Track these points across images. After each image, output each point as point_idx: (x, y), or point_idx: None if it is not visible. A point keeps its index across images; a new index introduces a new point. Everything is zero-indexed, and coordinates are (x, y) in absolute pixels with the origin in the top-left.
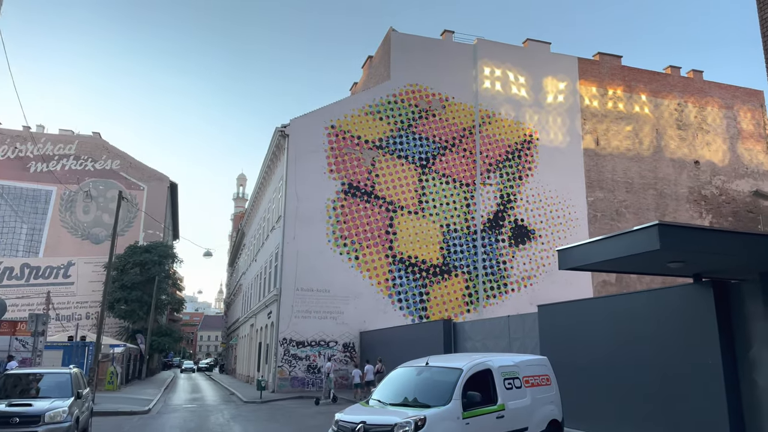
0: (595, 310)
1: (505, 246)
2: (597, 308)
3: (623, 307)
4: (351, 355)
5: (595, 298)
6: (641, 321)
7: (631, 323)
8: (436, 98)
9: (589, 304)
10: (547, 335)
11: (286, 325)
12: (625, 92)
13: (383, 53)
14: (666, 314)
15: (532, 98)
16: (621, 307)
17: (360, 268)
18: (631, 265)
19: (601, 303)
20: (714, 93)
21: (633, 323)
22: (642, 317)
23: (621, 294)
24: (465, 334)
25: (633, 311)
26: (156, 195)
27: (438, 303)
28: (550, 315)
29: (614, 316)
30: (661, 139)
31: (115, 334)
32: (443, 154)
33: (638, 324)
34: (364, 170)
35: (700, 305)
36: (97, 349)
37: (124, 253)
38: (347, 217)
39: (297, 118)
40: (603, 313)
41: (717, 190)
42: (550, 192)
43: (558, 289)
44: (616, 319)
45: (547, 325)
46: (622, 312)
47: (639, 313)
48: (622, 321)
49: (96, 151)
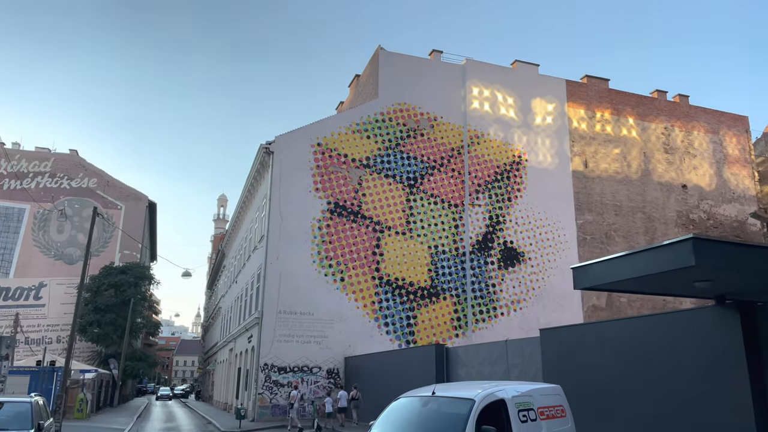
0: (605, 334)
1: (494, 268)
2: (607, 332)
3: (636, 330)
4: (335, 381)
5: (604, 322)
6: (657, 345)
7: (646, 348)
8: (425, 117)
9: (597, 328)
10: (551, 361)
11: (267, 350)
12: (613, 115)
13: (371, 72)
14: (685, 338)
15: (520, 119)
16: (634, 330)
17: (345, 290)
18: (654, 285)
19: (611, 326)
20: (700, 118)
21: (648, 348)
22: (658, 341)
23: (633, 317)
24: (459, 360)
25: (648, 335)
26: (134, 214)
27: (426, 327)
28: (553, 339)
29: (627, 340)
30: (649, 162)
31: (86, 358)
32: (431, 174)
33: (654, 348)
34: (351, 189)
35: (725, 328)
36: (65, 375)
37: (99, 274)
38: (333, 237)
39: (282, 134)
40: (614, 337)
41: (705, 214)
42: (539, 214)
43: (548, 313)
44: (629, 343)
45: (551, 350)
46: (635, 336)
47: (655, 336)
48: (636, 345)
49: (72, 168)
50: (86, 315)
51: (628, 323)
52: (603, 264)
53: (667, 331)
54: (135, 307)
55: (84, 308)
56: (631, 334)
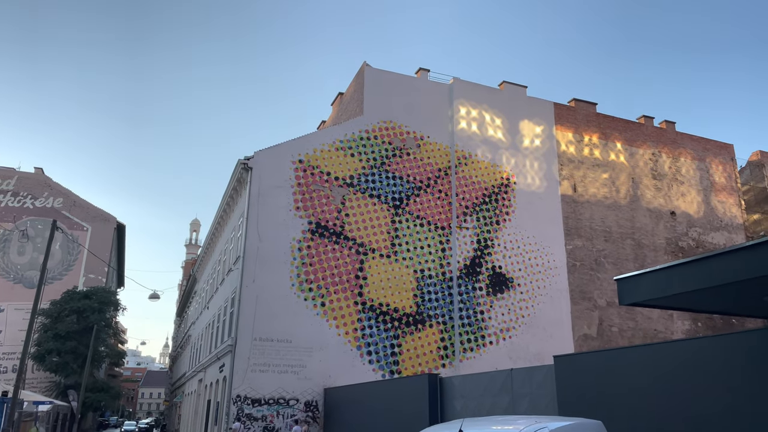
0: (636, 361)
1: (482, 294)
2: (638, 359)
3: (676, 356)
4: (314, 414)
5: (635, 347)
6: (703, 372)
7: (690, 376)
8: (411, 136)
9: (625, 354)
10: (569, 391)
11: (240, 380)
12: (601, 139)
13: (356, 88)
14: (740, 363)
15: (508, 141)
16: (672, 357)
17: (326, 315)
18: (718, 300)
19: (642, 352)
20: (686, 144)
21: (693, 376)
22: (704, 368)
23: (670, 341)
24: (454, 392)
25: (693, 361)
26: (101, 236)
27: (411, 356)
28: (571, 367)
29: (664, 368)
30: (638, 188)
31: (44, 389)
32: (417, 194)
33: (699, 377)
34: (334, 209)
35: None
36: (12, 407)
37: (61, 299)
38: (314, 259)
39: (262, 150)
40: (646, 365)
41: (693, 242)
42: (528, 238)
43: (538, 342)
44: (668, 371)
45: (568, 378)
46: (674, 363)
47: (701, 363)
48: (677, 374)
49: (37, 187)
50: (45, 342)
51: (665, 348)
52: (658, 274)
53: (717, 356)
54: (98, 335)
55: (43, 335)
56: (672, 361)
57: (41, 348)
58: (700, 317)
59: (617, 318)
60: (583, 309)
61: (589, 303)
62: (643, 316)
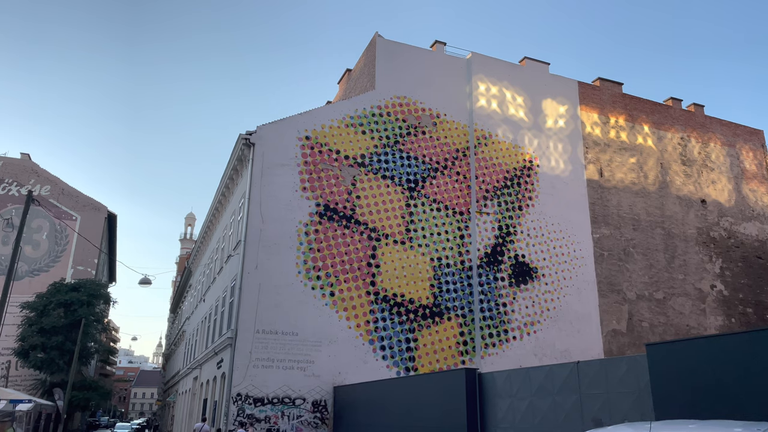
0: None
1: (504, 285)
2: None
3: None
4: (322, 416)
5: (757, 331)
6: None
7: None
8: (426, 114)
9: (756, 339)
10: (667, 390)
11: (241, 377)
12: (628, 122)
13: (366, 62)
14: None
15: (531, 121)
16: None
17: (336, 306)
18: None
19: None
20: (716, 129)
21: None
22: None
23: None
24: (496, 390)
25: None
26: (91, 226)
27: (428, 352)
28: (671, 359)
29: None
30: (667, 174)
31: (29, 387)
32: (434, 176)
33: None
34: (344, 190)
35: None
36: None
37: (47, 292)
38: (322, 245)
39: (265, 124)
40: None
41: (725, 232)
42: (552, 225)
43: (565, 337)
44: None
45: (666, 373)
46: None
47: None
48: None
49: (23, 174)
50: (29, 337)
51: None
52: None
53: None
54: (87, 329)
55: (27, 330)
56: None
57: (25, 343)
58: (734, 313)
59: (648, 312)
60: (612, 302)
61: (618, 296)
62: (674, 311)
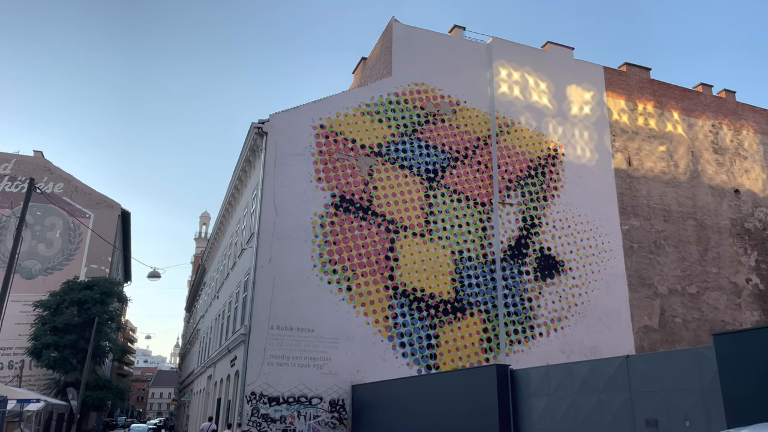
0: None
1: (529, 279)
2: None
3: None
4: (340, 415)
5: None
6: None
7: None
8: (446, 101)
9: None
10: (740, 387)
11: (255, 375)
12: (656, 108)
13: (383, 48)
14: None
15: (555, 108)
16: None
17: (353, 301)
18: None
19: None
20: (748, 116)
21: None
22: None
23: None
24: (531, 388)
25: None
26: (104, 224)
27: (450, 349)
28: (744, 350)
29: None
30: (698, 163)
31: (42, 387)
32: (454, 166)
33: None
34: (360, 181)
35: None
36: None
37: (60, 290)
38: (338, 237)
39: (278, 113)
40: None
41: (760, 223)
42: (579, 217)
43: (594, 334)
44: None
45: (738, 368)
46: None
47: None
48: None
49: (36, 171)
50: (42, 336)
51: None
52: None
53: None
54: (100, 328)
55: (40, 329)
56: None
57: (38, 342)
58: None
59: (680, 308)
60: (643, 297)
61: (649, 290)
62: (708, 306)
